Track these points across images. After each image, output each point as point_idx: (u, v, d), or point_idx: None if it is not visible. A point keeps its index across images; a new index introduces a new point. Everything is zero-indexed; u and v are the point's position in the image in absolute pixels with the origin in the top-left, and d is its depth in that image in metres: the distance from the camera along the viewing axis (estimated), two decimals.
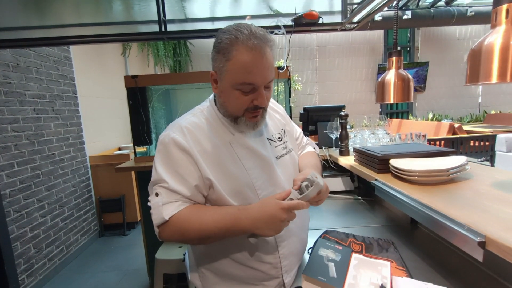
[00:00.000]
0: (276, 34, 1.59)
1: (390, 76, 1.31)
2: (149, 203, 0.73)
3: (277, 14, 1.70)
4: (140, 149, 2.01)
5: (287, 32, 1.60)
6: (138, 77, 1.81)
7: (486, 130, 3.50)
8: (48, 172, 2.39)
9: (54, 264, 2.36)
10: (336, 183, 1.61)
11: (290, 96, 1.94)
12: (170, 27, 1.66)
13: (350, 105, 5.66)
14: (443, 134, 3.30)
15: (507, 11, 0.62)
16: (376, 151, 1.10)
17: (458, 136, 2.99)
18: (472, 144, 2.89)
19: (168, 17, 1.65)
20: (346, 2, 1.65)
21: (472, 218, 0.62)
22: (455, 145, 2.79)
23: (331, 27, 1.71)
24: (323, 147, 1.73)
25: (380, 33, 5.55)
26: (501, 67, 0.61)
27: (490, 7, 0.66)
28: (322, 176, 1.62)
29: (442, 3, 3.95)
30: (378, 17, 3.71)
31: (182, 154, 0.72)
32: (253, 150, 0.78)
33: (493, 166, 2.90)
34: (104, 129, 3.40)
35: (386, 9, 1.56)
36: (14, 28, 1.64)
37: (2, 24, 1.63)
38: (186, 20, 1.71)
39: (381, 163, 1.06)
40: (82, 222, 2.80)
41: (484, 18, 3.97)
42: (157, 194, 0.71)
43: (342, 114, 1.47)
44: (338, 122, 1.52)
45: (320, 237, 0.93)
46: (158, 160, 0.75)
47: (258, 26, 0.71)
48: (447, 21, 4.03)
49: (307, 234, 0.92)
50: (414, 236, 1.10)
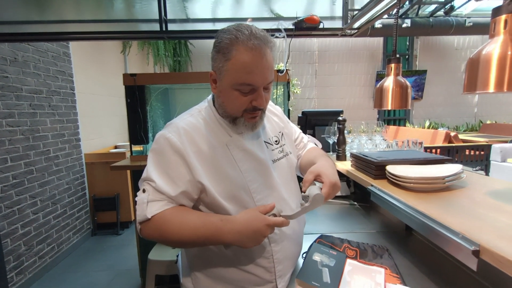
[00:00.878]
0: (276, 37, 1.60)
1: (389, 82, 1.32)
2: (136, 198, 0.72)
3: (278, 18, 1.71)
4: (136, 147, 2.00)
5: (288, 35, 1.61)
6: (137, 75, 1.80)
7: (481, 140, 3.53)
8: (42, 168, 2.36)
9: (44, 262, 2.32)
10: None
11: (289, 99, 1.95)
12: (171, 27, 1.66)
13: (348, 110, 5.69)
14: (439, 142, 3.33)
15: (506, 22, 0.63)
16: (373, 157, 1.11)
17: (454, 144, 3.01)
18: (467, 153, 2.92)
19: (169, 16, 1.65)
20: (347, 8, 1.67)
21: (466, 226, 0.62)
22: (451, 153, 2.81)
23: (332, 32, 1.72)
24: None
25: (379, 40, 5.61)
26: (498, 77, 0.61)
27: (488, 18, 0.67)
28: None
29: (441, 13, 4.01)
30: (378, 24, 3.76)
31: (175, 156, 0.71)
32: (249, 152, 0.78)
33: (488, 175, 2.92)
34: (101, 126, 3.37)
35: (386, 16, 1.57)
36: (13, 22, 1.63)
37: (1, 17, 1.62)
38: (187, 20, 1.71)
39: (377, 169, 1.06)
40: (75, 220, 2.76)
41: (481, 29, 4.03)
42: (144, 191, 0.71)
43: (340, 119, 1.48)
44: (336, 127, 1.52)
45: (315, 241, 0.92)
46: (150, 158, 0.75)
47: (262, 30, 0.71)
48: (446, 30, 4.09)
49: (302, 239, 0.91)
50: (408, 243, 1.10)
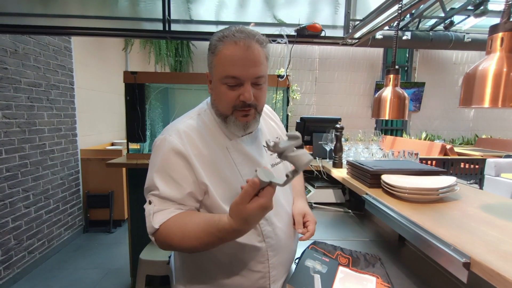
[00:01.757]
0: (278, 43, 1.61)
1: (387, 92, 1.33)
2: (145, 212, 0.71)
3: (281, 24, 1.73)
4: (133, 145, 1.98)
5: (290, 42, 1.63)
6: (138, 73, 1.80)
7: (476, 154, 3.56)
8: (36, 162, 2.34)
9: (34, 257, 2.28)
10: (327, 195, 1.61)
11: (288, 104, 1.96)
12: (174, 27, 1.67)
13: (346, 118, 5.72)
14: (435, 154, 3.35)
15: (502, 39, 0.64)
16: (368, 166, 1.11)
17: (449, 157, 3.04)
18: (462, 166, 2.94)
19: (173, 16, 1.66)
20: (349, 18, 1.69)
21: (458, 239, 0.62)
22: (446, 165, 2.83)
23: (333, 41, 1.75)
24: (317, 158, 1.74)
25: (379, 51, 5.68)
26: (493, 93, 0.63)
27: (486, 35, 0.68)
28: (315, 187, 1.62)
29: (441, 27, 4.07)
30: (378, 35, 3.81)
31: (178, 159, 0.71)
32: (249, 156, 0.78)
33: (481, 189, 2.94)
34: (98, 123, 3.36)
35: (386, 28, 1.60)
36: (17, 14, 1.63)
37: (4, 9, 1.62)
38: (190, 21, 1.72)
39: (373, 178, 1.07)
40: (67, 216, 2.73)
41: (480, 45, 4.11)
42: (150, 202, 0.70)
43: (338, 126, 1.49)
44: (333, 134, 1.53)
45: (307, 247, 0.92)
46: (152, 164, 0.73)
47: (261, 33, 0.71)
48: (445, 45, 4.16)
49: (297, 245, 0.91)
50: (401, 253, 1.10)
